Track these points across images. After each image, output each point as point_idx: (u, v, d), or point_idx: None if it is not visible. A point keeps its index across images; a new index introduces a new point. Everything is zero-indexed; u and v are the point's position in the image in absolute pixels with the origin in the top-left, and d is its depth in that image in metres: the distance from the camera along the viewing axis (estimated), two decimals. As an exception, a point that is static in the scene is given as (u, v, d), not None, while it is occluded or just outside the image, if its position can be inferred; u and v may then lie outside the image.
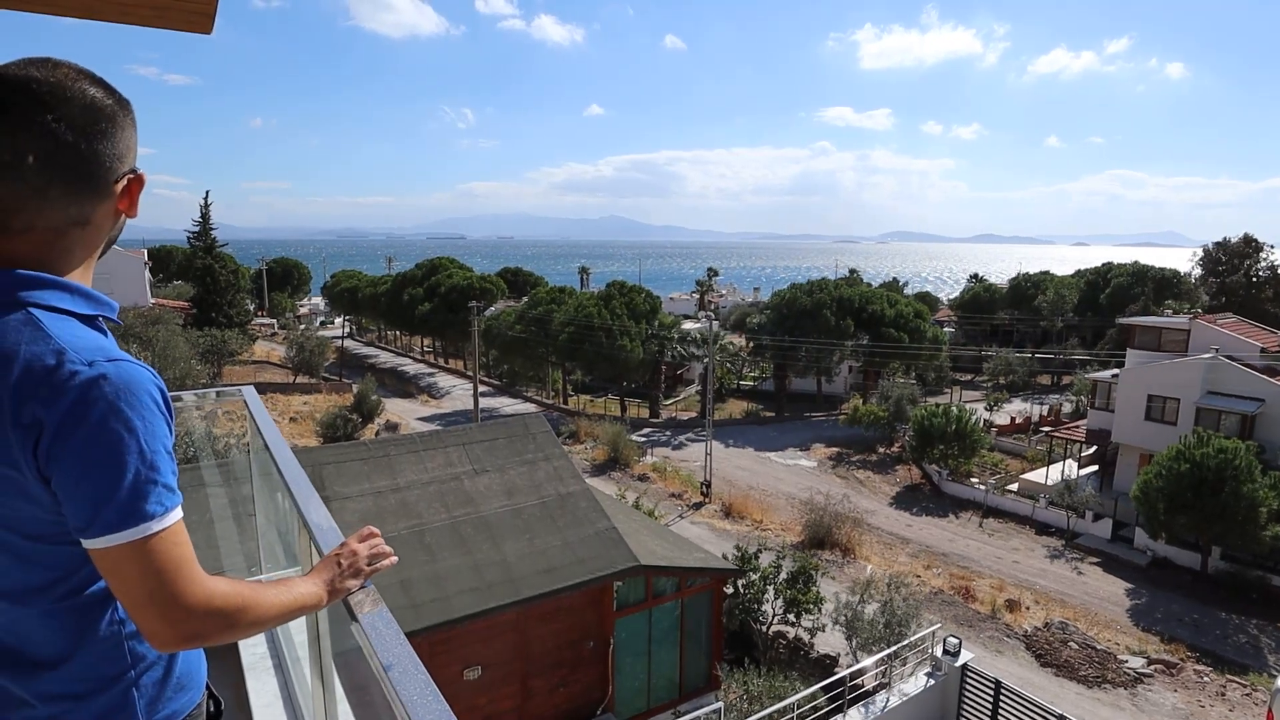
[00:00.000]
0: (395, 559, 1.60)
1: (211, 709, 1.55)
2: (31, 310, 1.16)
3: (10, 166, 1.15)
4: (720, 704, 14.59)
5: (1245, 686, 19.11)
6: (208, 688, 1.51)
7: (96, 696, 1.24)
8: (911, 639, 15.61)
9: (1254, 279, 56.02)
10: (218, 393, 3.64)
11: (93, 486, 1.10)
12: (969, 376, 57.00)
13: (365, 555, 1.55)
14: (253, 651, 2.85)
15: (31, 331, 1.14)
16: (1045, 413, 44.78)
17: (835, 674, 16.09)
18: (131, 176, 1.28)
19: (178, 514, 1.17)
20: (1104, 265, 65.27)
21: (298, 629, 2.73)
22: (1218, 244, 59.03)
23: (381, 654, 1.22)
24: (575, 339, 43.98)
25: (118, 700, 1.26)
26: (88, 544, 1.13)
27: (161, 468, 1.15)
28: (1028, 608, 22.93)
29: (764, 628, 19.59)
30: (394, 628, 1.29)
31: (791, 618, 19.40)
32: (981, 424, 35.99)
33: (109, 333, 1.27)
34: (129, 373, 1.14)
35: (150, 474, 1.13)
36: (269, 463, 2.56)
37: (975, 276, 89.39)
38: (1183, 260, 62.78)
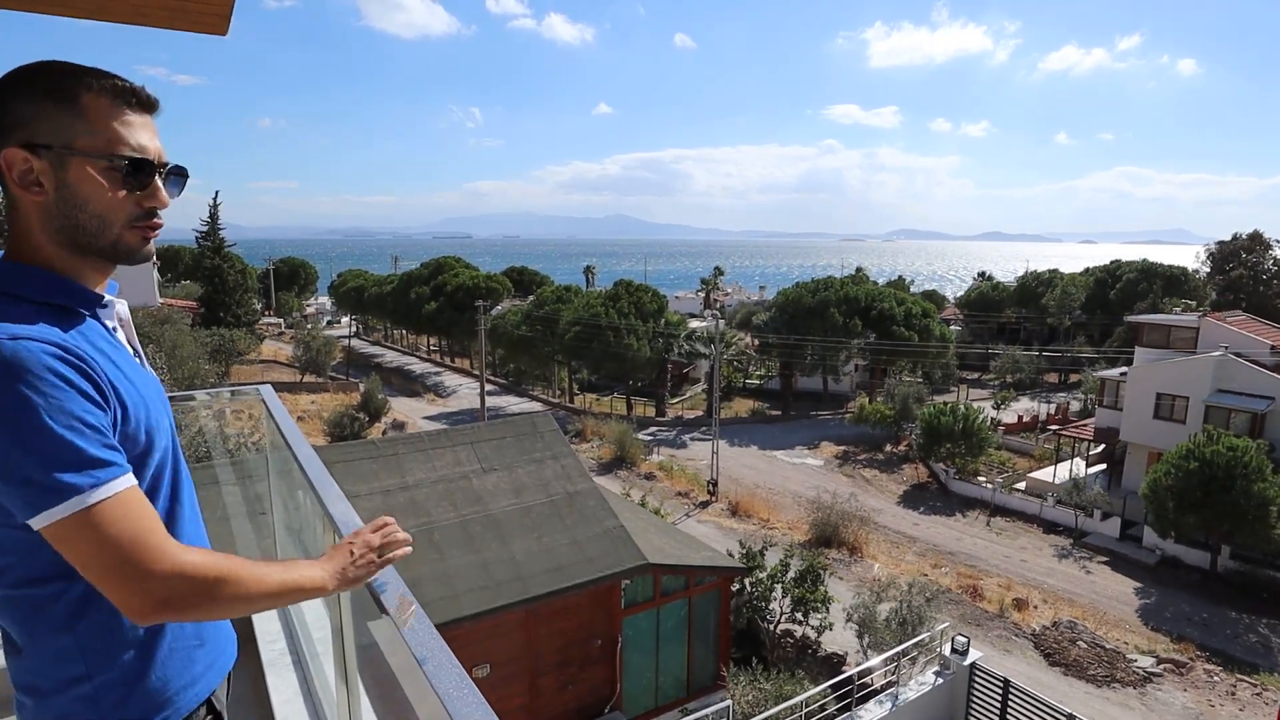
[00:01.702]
0: (409, 548, 1.54)
1: None
2: None
3: None
4: (728, 702, 14.57)
5: (1255, 686, 19.01)
6: (209, 704, 1.44)
7: (54, 697, 1.23)
8: (920, 638, 15.58)
9: (1263, 276, 55.65)
10: (233, 391, 3.66)
11: (11, 469, 1.08)
12: (976, 375, 56.74)
13: (378, 544, 1.50)
14: (271, 648, 2.87)
15: None
16: (1053, 411, 44.53)
17: (843, 673, 16.07)
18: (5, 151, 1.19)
19: (120, 484, 1.14)
20: (1112, 263, 64.80)
21: (317, 625, 2.74)
22: (1226, 241, 58.65)
23: (415, 648, 1.22)
24: (582, 338, 43.97)
25: (75, 707, 1.23)
26: (33, 524, 1.11)
27: (78, 442, 1.11)
28: (1036, 606, 22.85)
29: (771, 626, 19.57)
30: (426, 622, 1.29)
31: (799, 616, 19.39)
32: (989, 422, 35.84)
33: (82, 322, 1.25)
34: (23, 350, 1.10)
35: (63, 448, 1.09)
36: (286, 460, 2.57)
37: (982, 274, 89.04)
38: (1191, 258, 62.35)
